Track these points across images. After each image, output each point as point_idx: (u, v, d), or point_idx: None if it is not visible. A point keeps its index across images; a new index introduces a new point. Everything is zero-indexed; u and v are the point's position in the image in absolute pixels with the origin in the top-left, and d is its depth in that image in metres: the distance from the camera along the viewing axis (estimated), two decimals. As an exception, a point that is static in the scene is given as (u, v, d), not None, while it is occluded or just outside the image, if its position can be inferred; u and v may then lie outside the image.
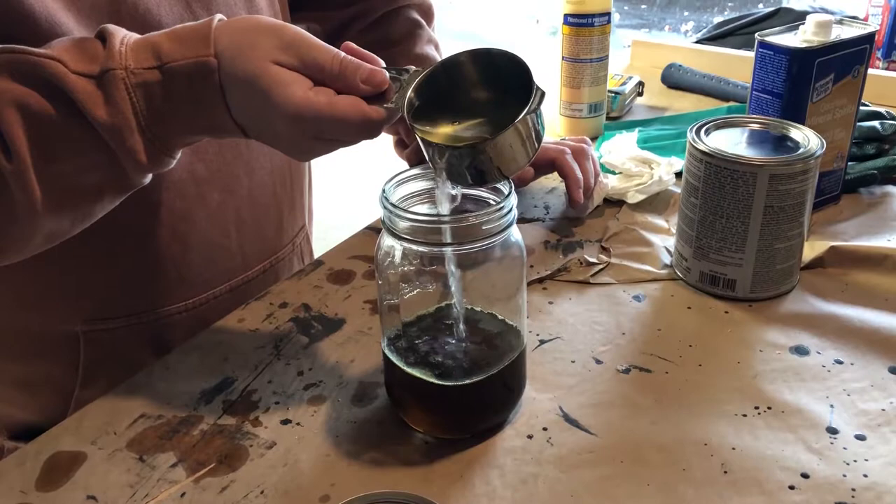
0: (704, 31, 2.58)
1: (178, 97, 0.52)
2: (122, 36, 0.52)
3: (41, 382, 0.71)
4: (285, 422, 0.57)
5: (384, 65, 0.53)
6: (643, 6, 5.75)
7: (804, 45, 0.74)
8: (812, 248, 0.73)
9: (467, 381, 0.53)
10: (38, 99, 0.50)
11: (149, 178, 0.56)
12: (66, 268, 0.58)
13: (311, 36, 0.52)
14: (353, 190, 2.41)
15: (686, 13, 5.77)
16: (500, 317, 0.55)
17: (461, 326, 0.54)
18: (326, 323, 0.68)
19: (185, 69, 0.51)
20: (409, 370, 0.53)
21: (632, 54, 1.29)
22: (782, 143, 0.69)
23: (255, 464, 0.54)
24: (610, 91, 1.04)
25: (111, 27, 0.53)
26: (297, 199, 0.82)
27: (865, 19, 2.37)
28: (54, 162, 0.52)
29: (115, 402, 0.60)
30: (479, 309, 0.56)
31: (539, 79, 0.50)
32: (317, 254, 0.84)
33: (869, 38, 0.77)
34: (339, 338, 0.66)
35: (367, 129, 0.52)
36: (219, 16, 0.53)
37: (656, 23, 5.39)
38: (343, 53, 0.52)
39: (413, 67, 0.54)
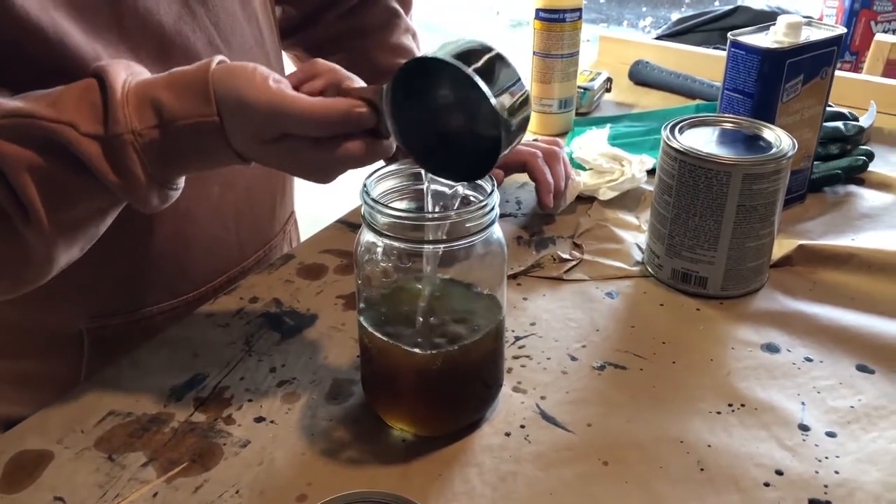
0: (665, 27, 2.61)
1: (185, 149, 0.52)
2: (122, 85, 0.51)
3: (43, 380, 0.70)
4: (259, 419, 0.56)
5: (363, 84, 0.53)
6: (601, 0, 5.80)
7: (775, 45, 0.75)
8: (780, 247, 0.74)
9: (448, 349, 0.52)
10: (51, 162, 0.50)
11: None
12: (70, 268, 0.58)
13: (289, 97, 0.50)
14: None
15: (644, 9, 5.83)
16: (479, 315, 0.55)
17: (439, 306, 0.54)
18: (298, 318, 0.67)
19: (189, 127, 0.51)
20: (385, 339, 0.52)
21: (599, 50, 1.30)
22: (755, 142, 0.69)
23: (230, 463, 0.53)
24: (579, 87, 1.04)
25: (106, 66, 0.52)
26: (287, 186, 0.83)
27: (820, 19, 2.42)
28: (69, 211, 0.53)
29: (81, 399, 0.58)
30: (458, 308, 0.55)
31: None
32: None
33: (837, 40, 0.78)
34: (311, 334, 0.65)
35: (357, 120, 0.50)
36: (215, 61, 0.52)
37: (615, 17, 5.43)
38: (318, 106, 0.50)
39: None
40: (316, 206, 1.28)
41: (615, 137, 0.97)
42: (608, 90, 1.13)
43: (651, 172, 0.86)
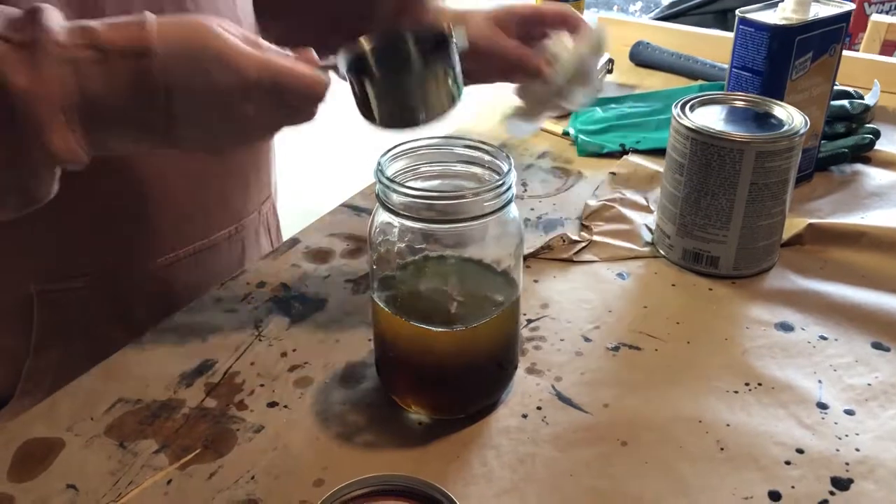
0: (656, 11, 2.59)
1: (111, 79, 0.46)
2: (55, 14, 0.47)
3: None
4: (272, 404, 0.55)
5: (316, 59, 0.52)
6: (591, -15, 5.78)
7: (784, 22, 0.74)
8: (790, 226, 0.74)
9: (464, 327, 0.51)
10: None
11: (49, 188, 0.49)
12: (15, 221, 0.52)
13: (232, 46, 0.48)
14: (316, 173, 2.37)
15: (634, -7, 5.81)
16: (495, 294, 0.54)
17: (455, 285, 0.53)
18: (307, 303, 0.66)
19: (121, 49, 0.46)
20: (401, 319, 0.51)
21: (598, 31, 1.28)
22: (766, 120, 0.69)
23: (243, 448, 0.52)
24: (581, 68, 1.03)
25: (43, 5, 0.47)
26: (262, 165, 0.78)
27: (814, 2, 2.41)
28: None
29: (87, 386, 0.57)
30: (474, 287, 0.54)
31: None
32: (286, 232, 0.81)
33: (846, 16, 0.77)
34: (321, 318, 0.64)
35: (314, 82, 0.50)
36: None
37: (604, 2, 5.42)
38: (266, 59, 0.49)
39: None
40: (304, 198, 1.27)
41: (619, 118, 0.96)
42: (610, 71, 1.12)
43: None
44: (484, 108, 1.04)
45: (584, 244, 0.73)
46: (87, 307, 0.64)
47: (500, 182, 0.48)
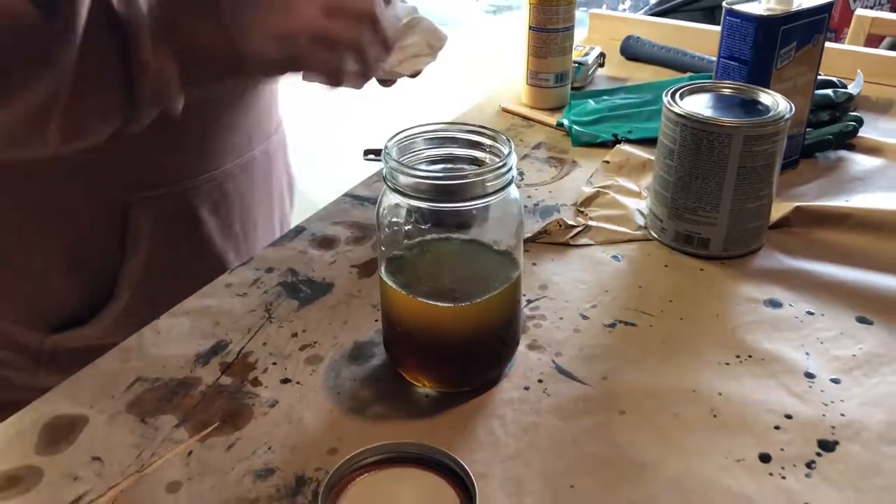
0: (645, 9, 2.62)
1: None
2: None
3: (88, 260, 0.73)
4: (285, 381, 0.58)
5: None
6: (580, -15, 5.82)
7: (769, 13, 0.77)
8: (778, 209, 0.77)
9: (468, 302, 0.54)
10: None
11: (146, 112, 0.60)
12: (110, 141, 0.62)
13: None
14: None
15: (622, -7, 5.85)
16: (497, 272, 0.57)
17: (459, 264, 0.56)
18: (315, 287, 0.68)
19: None
20: (408, 295, 0.54)
21: (589, 27, 1.32)
22: (753, 106, 0.71)
23: (260, 421, 0.54)
24: (573, 61, 1.06)
25: None
26: (277, 95, 0.88)
27: None
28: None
29: (106, 367, 0.59)
30: (477, 265, 0.57)
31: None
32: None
33: (828, 7, 0.80)
34: (329, 300, 0.67)
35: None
36: None
37: (594, 1, 5.45)
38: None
39: None
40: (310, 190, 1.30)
41: (611, 109, 0.99)
42: (601, 65, 1.15)
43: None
44: (487, 100, 1.07)
45: (579, 229, 0.76)
46: (167, 214, 0.72)
47: (502, 163, 0.51)
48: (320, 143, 2.49)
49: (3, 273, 0.72)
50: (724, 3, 0.79)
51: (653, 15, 2.50)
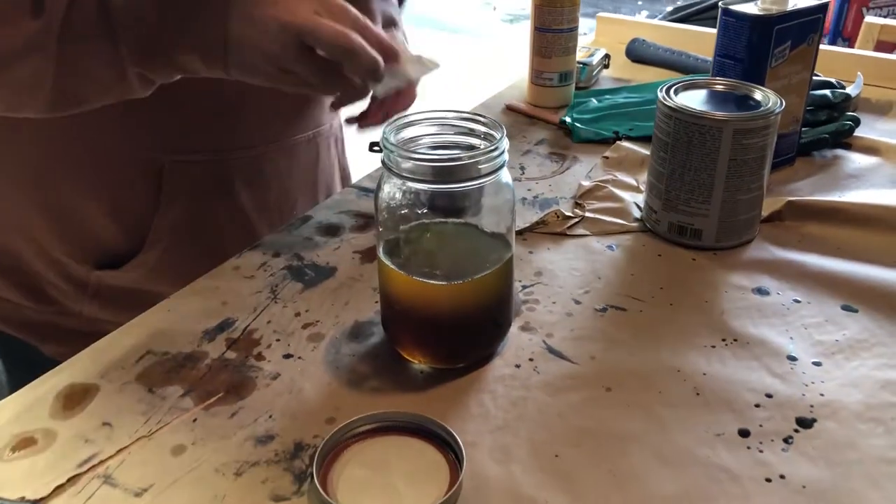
0: (659, 17, 2.64)
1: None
2: None
3: (127, 210, 0.78)
4: (287, 356, 0.61)
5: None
6: (597, -6, 5.84)
7: (763, 12, 0.80)
8: (770, 204, 0.79)
9: (462, 280, 0.56)
10: None
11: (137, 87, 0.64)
12: (145, 104, 0.67)
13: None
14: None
15: (640, 2, 5.87)
16: (490, 252, 0.59)
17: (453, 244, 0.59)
18: (319, 270, 0.71)
19: None
20: (404, 274, 0.56)
21: (597, 30, 1.34)
22: (745, 102, 0.74)
23: (262, 392, 0.57)
24: (578, 62, 1.09)
25: None
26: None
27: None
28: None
29: (119, 342, 0.62)
30: (471, 246, 0.60)
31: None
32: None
33: (822, 7, 0.82)
34: (332, 283, 0.69)
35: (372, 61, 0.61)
36: None
37: (611, 11, 5.48)
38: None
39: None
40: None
41: (613, 107, 1.02)
42: (606, 66, 1.17)
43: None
44: (493, 98, 1.09)
45: (576, 220, 0.79)
46: (200, 179, 0.77)
47: (493, 147, 0.53)
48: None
49: (59, 213, 0.78)
50: (720, 4, 0.82)
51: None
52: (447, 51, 4.68)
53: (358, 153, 1.00)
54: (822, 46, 0.86)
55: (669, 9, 2.71)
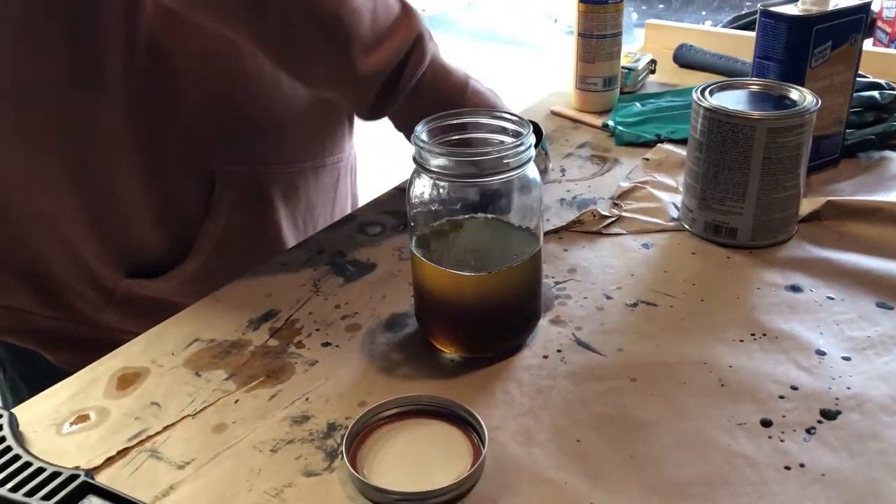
0: (718, 26, 2.61)
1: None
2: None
3: (174, 220, 0.81)
4: (325, 344, 0.64)
5: None
6: (660, 5, 5.80)
7: (803, 13, 0.80)
8: (810, 203, 0.79)
9: (490, 271, 0.59)
10: None
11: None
12: (198, 123, 0.74)
13: None
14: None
15: (703, 13, 5.81)
16: (518, 245, 0.61)
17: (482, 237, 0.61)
18: (360, 266, 0.74)
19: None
20: (435, 266, 0.59)
21: (645, 36, 1.35)
22: (781, 101, 0.74)
23: (300, 377, 0.60)
24: (624, 67, 1.10)
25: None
26: (352, 120, 0.94)
27: (879, 14, 2.41)
28: None
29: (168, 330, 0.66)
30: (499, 239, 0.62)
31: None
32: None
33: (865, 7, 0.82)
34: (371, 278, 0.72)
35: None
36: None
37: (676, 18, 5.43)
38: None
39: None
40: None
41: (656, 111, 1.02)
42: (652, 71, 1.18)
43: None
44: (538, 103, 1.11)
45: (613, 219, 0.80)
46: (245, 190, 0.81)
47: (520, 143, 0.56)
48: (380, 149, 2.61)
49: (105, 219, 0.79)
50: (759, 5, 0.82)
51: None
52: (507, 62, 4.72)
53: (368, 183, 1.06)
54: (876, 49, 0.85)
55: (729, 17, 2.68)
